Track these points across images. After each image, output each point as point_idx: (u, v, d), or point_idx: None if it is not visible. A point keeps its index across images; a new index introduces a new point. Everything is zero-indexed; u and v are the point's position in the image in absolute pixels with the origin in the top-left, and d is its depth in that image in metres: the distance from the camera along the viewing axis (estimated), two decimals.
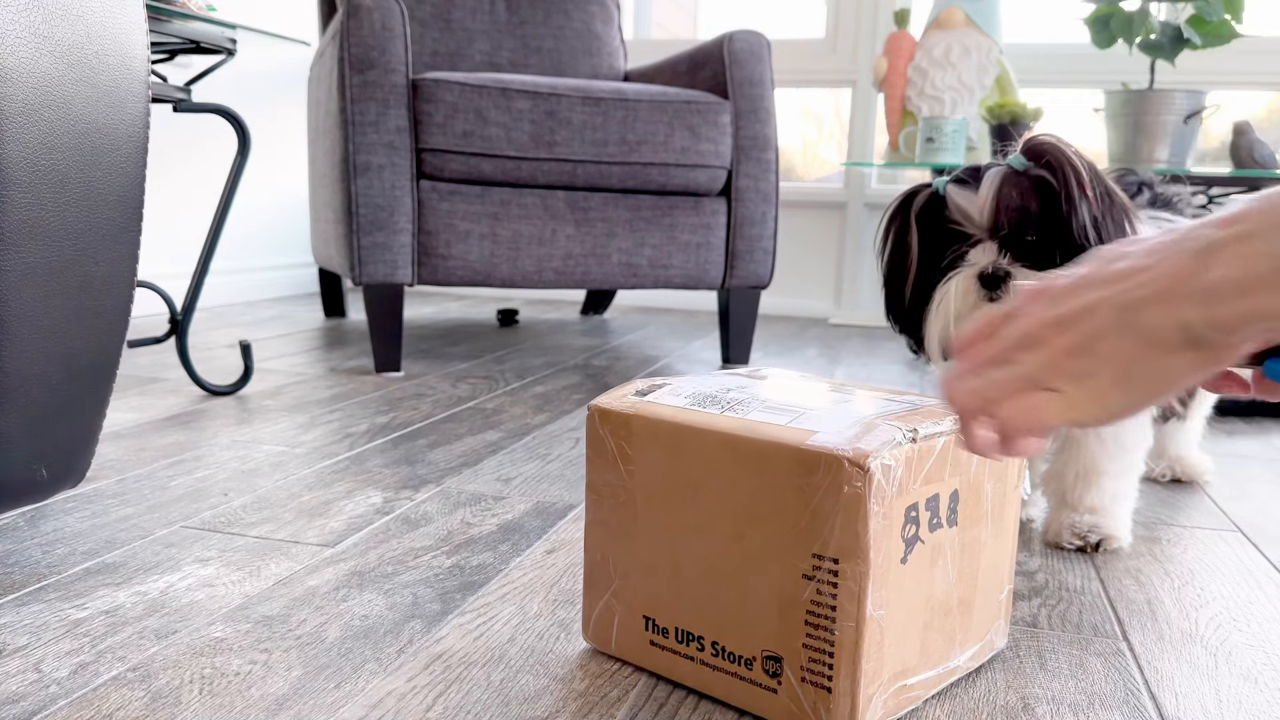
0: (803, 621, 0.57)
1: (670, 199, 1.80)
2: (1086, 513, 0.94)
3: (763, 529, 0.58)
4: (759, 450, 0.58)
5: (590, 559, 0.68)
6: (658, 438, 0.63)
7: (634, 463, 0.64)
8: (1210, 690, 0.67)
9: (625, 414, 0.64)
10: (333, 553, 0.86)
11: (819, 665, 0.57)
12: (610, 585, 0.67)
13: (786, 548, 0.57)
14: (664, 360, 1.94)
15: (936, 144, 2.20)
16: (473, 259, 1.69)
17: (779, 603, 0.58)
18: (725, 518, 0.60)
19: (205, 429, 1.27)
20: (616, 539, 0.66)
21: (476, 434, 1.30)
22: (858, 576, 0.55)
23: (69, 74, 0.72)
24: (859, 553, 0.55)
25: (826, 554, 0.56)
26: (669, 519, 0.63)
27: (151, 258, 2.31)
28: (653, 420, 0.63)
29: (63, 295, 0.75)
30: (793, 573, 0.57)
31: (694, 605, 0.63)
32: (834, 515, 0.55)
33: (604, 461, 0.66)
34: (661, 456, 0.63)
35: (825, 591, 0.56)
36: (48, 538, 0.87)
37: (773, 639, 0.59)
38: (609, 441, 0.65)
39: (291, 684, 0.63)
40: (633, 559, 0.66)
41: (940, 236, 0.91)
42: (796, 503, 0.57)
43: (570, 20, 2.30)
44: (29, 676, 0.63)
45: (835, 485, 0.55)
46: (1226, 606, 0.82)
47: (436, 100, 1.63)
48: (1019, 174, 0.86)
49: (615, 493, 0.66)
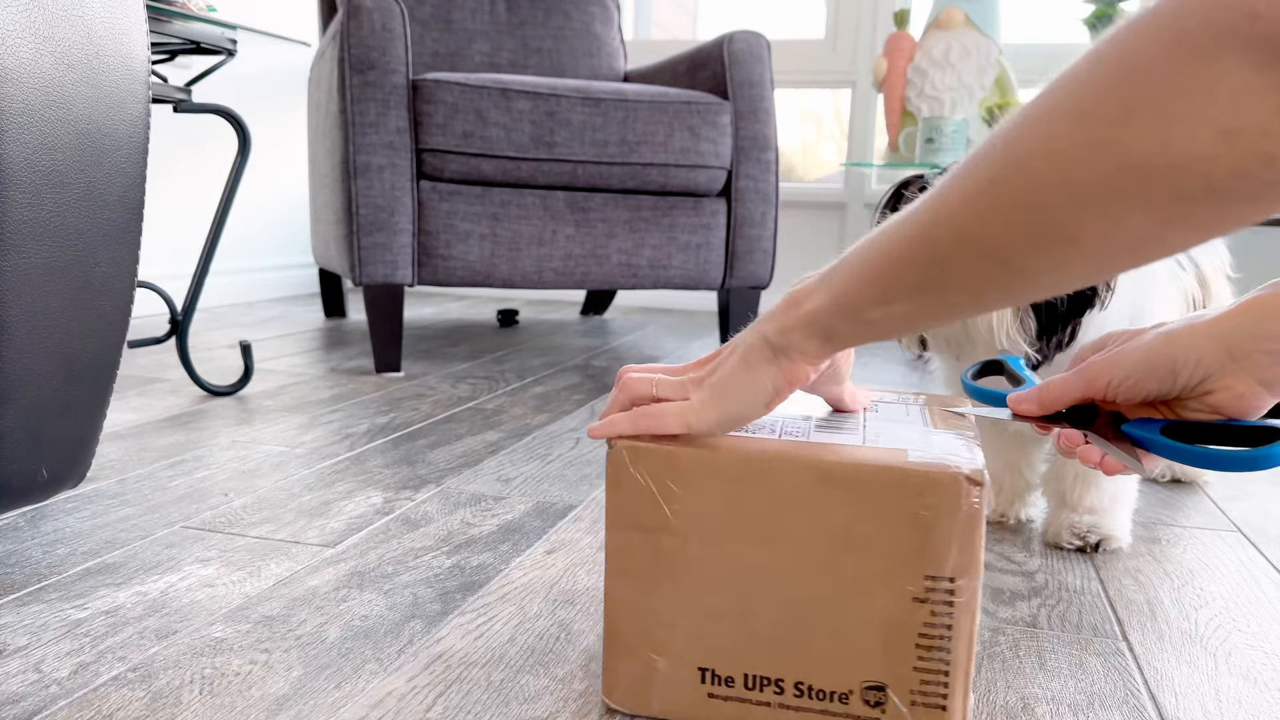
0: (913, 645, 0.56)
1: (670, 199, 1.80)
2: (1086, 513, 0.94)
3: (861, 557, 0.56)
4: (856, 475, 0.55)
5: (615, 614, 0.61)
6: (718, 472, 0.57)
7: (682, 501, 0.58)
8: (1210, 690, 0.67)
9: (668, 451, 0.58)
10: (333, 553, 0.86)
11: (933, 687, 0.56)
12: (648, 641, 0.60)
13: (892, 573, 0.55)
14: (664, 360, 1.94)
15: (936, 144, 2.20)
16: (473, 259, 1.69)
17: (883, 630, 0.56)
18: (813, 550, 0.57)
19: (205, 429, 1.27)
20: (655, 588, 0.59)
21: (476, 434, 1.30)
22: (972, 593, 0.55)
23: (69, 75, 0.73)
24: (974, 569, 0.55)
25: (943, 574, 0.55)
26: (735, 559, 0.58)
27: (152, 258, 2.31)
28: (709, 454, 0.57)
29: (63, 296, 0.75)
30: (901, 598, 0.55)
31: (770, 648, 0.58)
32: (951, 534, 0.54)
33: (637, 503, 0.59)
34: (723, 492, 0.57)
35: (940, 612, 0.55)
36: (48, 538, 0.87)
37: (875, 668, 0.57)
38: (645, 481, 0.59)
39: (292, 684, 0.63)
40: (682, 608, 0.59)
41: None
42: (905, 525, 0.55)
43: (570, 21, 2.30)
44: (29, 677, 0.63)
45: (952, 503, 0.54)
46: (1226, 607, 0.82)
47: (436, 101, 1.63)
48: None
49: (654, 537, 0.59)
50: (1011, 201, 0.39)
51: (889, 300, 0.47)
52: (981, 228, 0.41)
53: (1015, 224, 0.40)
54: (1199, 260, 0.98)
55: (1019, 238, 0.40)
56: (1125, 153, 0.35)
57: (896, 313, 0.47)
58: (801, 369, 0.54)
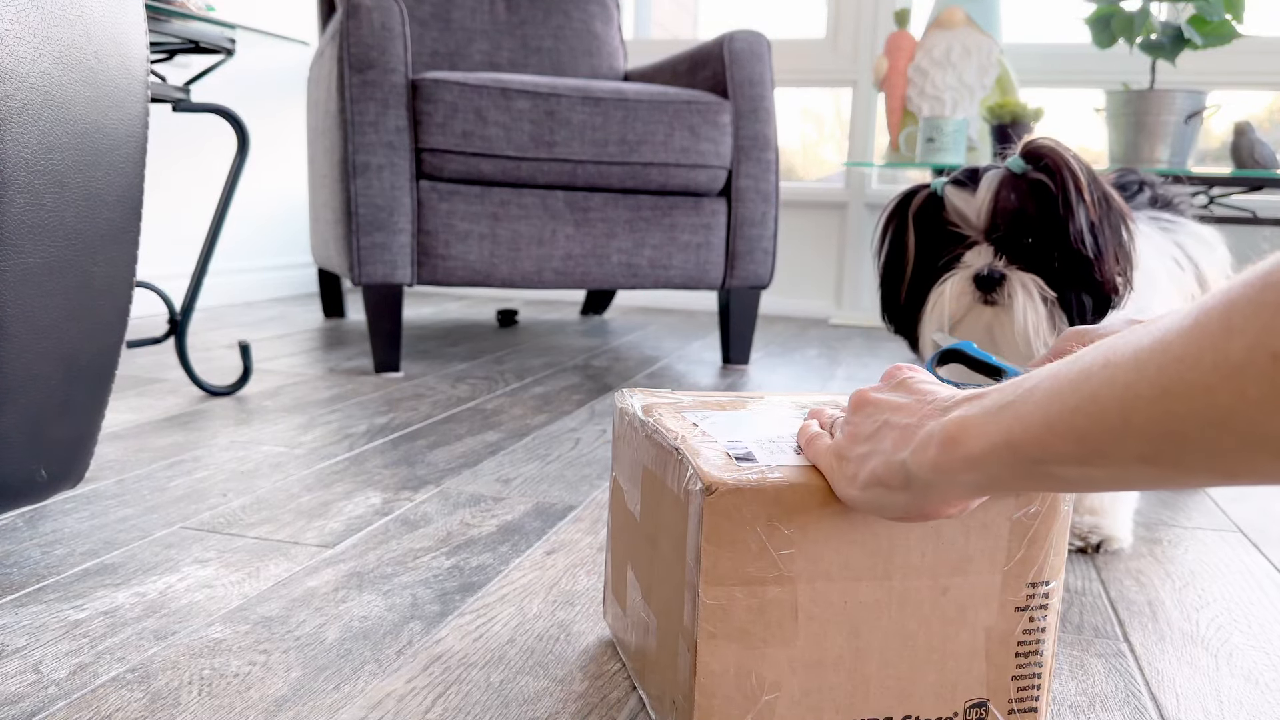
0: (1013, 655, 0.56)
1: (670, 199, 1.80)
2: (1087, 514, 0.94)
3: (969, 575, 0.55)
4: None
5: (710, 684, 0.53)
6: (829, 507, 0.52)
7: (795, 544, 0.52)
8: (1211, 691, 0.67)
9: (775, 490, 0.52)
10: (332, 554, 0.86)
11: (1028, 692, 0.57)
12: (750, 706, 0.54)
13: (998, 586, 0.55)
14: (664, 361, 1.93)
15: (937, 144, 2.20)
16: (472, 259, 1.69)
17: (987, 645, 0.56)
18: (926, 575, 0.54)
19: (204, 430, 1.27)
20: (764, 647, 0.54)
21: (476, 435, 1.29)
22: (1059, 593, 0.56)
23: (68, 74, 0.72)
24: (1062, 569, 0.56)
25: (1042, 579, 0.56)
26: (846, 598, 0.54)
27: (150, 258, 2.31)
28: (818, 488, 0.52)
29: (62, 295, 0.75)
30: (1005, 610, 0.56)
31: (879, 688, 0.55)
32: (1047, 539, 0.55)
33: (743, 553, 0.52)
34: (838, 527, 0.53)
35: (1038, 618, 0.56)
36: (47, 538, 0.87)
37: (978, 685, 0.56)
38: (752, 527, 0.52)
39: (291, 685, 0.63)
40: (789, 664, 0.54)
41: (937, 237, 0.91)
42: (1010, 537, 0.55)
43: (570, 20, 2.30)
44: (28, 677, 0.63)
45: (1051, 510, 0.55)
46: (1227, 607, 0.82)
47: (436, 100, 1.63)
48: (1017, 177, 0.86)
49: (762, 589, 0.53)
50: None
51: (1093, 461, 0.39)
52: (1259, 413, 0.32)
53: None
54: (1198, 260, 0.98)
55: None
56: None
57: (1099, 476, 0.39)
58: (942, 509, 0.49)
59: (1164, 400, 0.35)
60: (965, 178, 0.89)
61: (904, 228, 0.93)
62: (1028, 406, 0.41)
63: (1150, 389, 0.35)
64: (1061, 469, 0.40)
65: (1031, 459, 0.41)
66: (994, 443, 0.42)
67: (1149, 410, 0.35)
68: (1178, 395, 0.34)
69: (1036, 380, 0.41)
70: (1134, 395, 0.36)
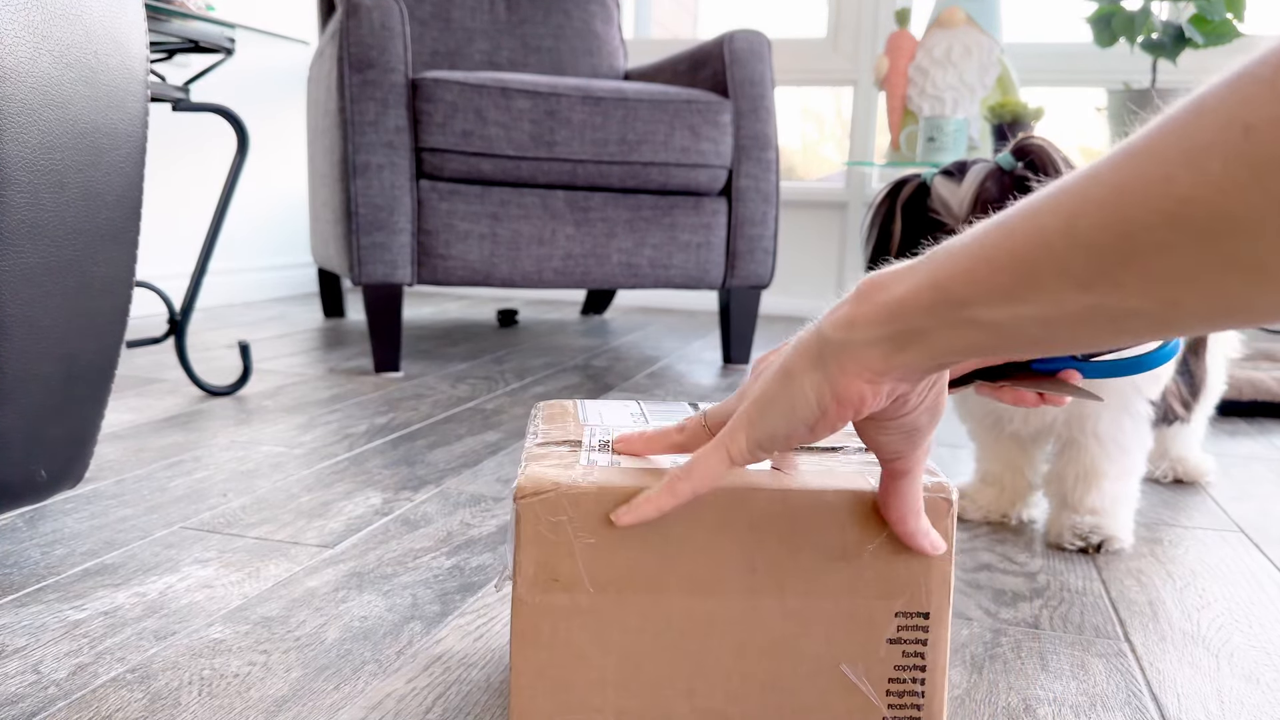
0: (884, 693, 0.50)
1: (670, 199, 1.80)
2: (1088, 514, 0.93)
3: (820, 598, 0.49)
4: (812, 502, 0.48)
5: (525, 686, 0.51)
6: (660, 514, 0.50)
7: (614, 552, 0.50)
8: (1212, 691, 0.67)
9: (573, 493, 0.49)
10: (332, 554, 0.86)
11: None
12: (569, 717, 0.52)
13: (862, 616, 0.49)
14: (664, 361, 1.93)
15: (938, 143, 2.20)
16: (472, 259, 1.69)
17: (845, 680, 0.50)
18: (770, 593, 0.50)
19: (204, 430, 1.27)
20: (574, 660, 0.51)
21: (476, 435, 1.29)
22: (944, 623, 0.49)
23: (68, 74, 0.72)
24: (946, 595, 0.49)
25: (914, 609, 0.49)
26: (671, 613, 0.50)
27: (150, 258, 2.30)
28: (614, 490, 0.50)
29: (61, 296, 0.75)
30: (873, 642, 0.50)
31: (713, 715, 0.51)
32: (927, 563, 0.48)
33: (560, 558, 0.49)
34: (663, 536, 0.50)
35: (911, 652, 0.50)
36: (46, 538, 0.87)
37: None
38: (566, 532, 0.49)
39: (291, 685, 0.63)
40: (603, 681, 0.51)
41: (922, 227, 0.92)
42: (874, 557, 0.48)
43: (570, 19, 2.29)
44: (28, 678, 0.63)
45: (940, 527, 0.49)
46: (1228, 607, 0.82)
47: (436, 100, 1.63)
48: (1004, 171, 0.87)
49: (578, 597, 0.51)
50: None
51: (1022, 295, 0.33)
52: (1219, 196, 0.27)
53: None
54: None
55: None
56: None
57: (1026, 316, 0.34)
58: (853, 385, 0.41)
59: (1115, 200, 0.30)
60: (955, 170, 0.90)
61: (892, 216, 0.94)
62: (959, 244, 0.36)
63: (1101, 189, 0.30)
64: (988, 310, 0.35)
65: (957, 300, 0.36)
66: (917, 283, 0.37)
67: (1097, 215, 0.30)
68: (1131, 191, 0.29)
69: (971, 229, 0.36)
70: (1082, 200, 0.31)
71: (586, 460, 0.53)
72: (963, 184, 0.88)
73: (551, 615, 0.49)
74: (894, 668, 0.50)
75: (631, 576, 0.49)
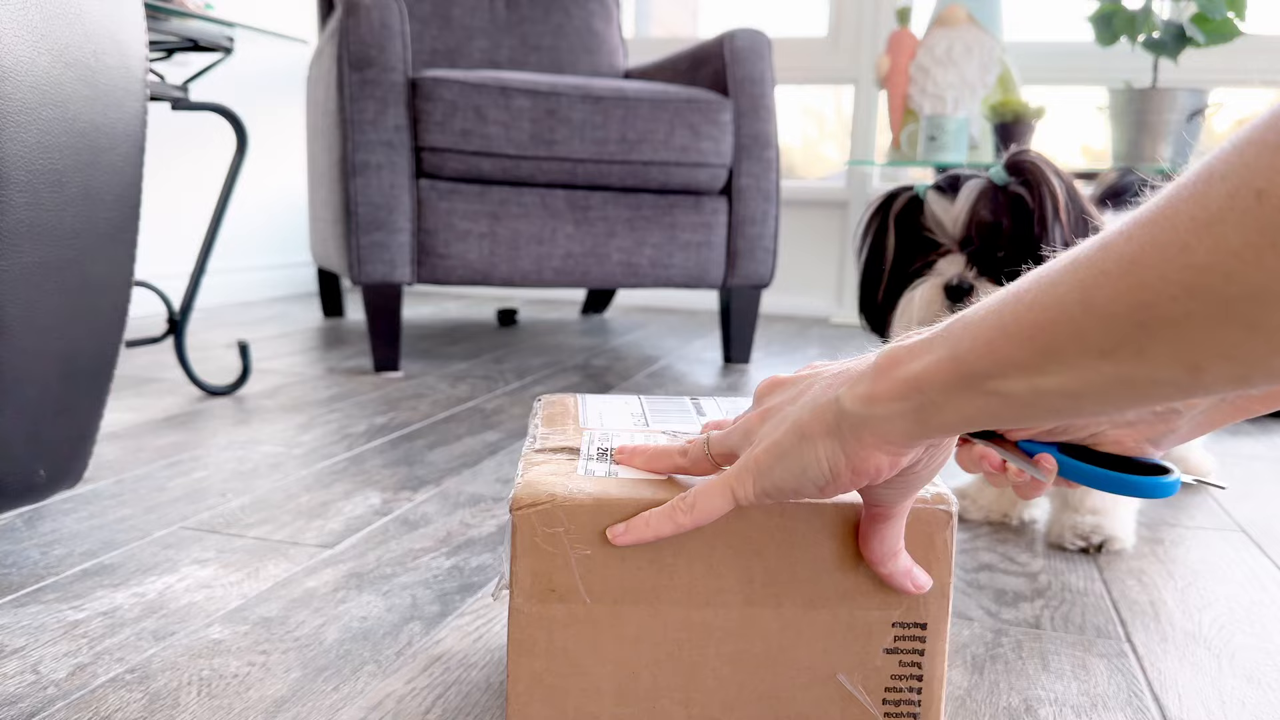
0: (881, 703, 0.50)
1: (671, 198, 1.80)
2: (1089, 514, 0.93)
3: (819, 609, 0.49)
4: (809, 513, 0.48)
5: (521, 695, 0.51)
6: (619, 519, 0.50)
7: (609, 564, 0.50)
8: (1213, 692, 0.67)
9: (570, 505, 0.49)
10: (331, 554, 0.86)
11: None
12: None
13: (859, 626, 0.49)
14: (664, 360, 1.93)
15: (939, 142, 2.19)
16: (472, 258, 1.69)
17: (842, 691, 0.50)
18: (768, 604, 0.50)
19: (203, 429, 1.27)
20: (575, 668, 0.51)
21: (476, 434, 1.29)
22: (942, 634, 0.49)
23: (67, 73, 0.72)
24: (944, 606, 0.49)
25: (911, 620, 0.49)
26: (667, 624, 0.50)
27: (149, 257, 2.30)
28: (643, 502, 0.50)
29: (60, 295, 0.74)
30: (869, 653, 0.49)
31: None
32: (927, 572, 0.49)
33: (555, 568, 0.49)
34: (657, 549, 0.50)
35: (908, 662, 0.49)
36: (45, 538, 0.87)
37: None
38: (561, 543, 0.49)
39: (290, 686, 0.63)
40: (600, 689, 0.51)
41: (915, 241, 0.92)
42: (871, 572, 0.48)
43: (570, 18, 2.29)
44: (27, 678, 0.63)
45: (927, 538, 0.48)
46: (1230, 608, 0.82)
47: (435, 99, 1.63)
48: (996, 188, 0.87)
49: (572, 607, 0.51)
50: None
51: (1042, 366, 0.33)
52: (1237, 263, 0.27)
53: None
54: None
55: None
56: None
57: (1049, 387, 0.34)
58: (871, 457, 0.42)
59: (1132, 271, 0.30)
60: (947, 184, 0.90)
61: (885, 229, 0.94)
62: (977, 316, 0.36)
63: (1117, 262, 0.31)
64: (1008, 382, 0.35)
65: (976, 373, 0.36)
66: (937, 358, 0.38)
67: (1114, 286, 0.30)
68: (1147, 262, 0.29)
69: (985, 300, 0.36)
70: (1098, 273, 0.31)
71: (584, 470, 0.53)
72: (956, 202, 0.88)
73: (548, 625, 0.49)
74: (890, 678, 0.50)
75: (628, 587, 0.49)
